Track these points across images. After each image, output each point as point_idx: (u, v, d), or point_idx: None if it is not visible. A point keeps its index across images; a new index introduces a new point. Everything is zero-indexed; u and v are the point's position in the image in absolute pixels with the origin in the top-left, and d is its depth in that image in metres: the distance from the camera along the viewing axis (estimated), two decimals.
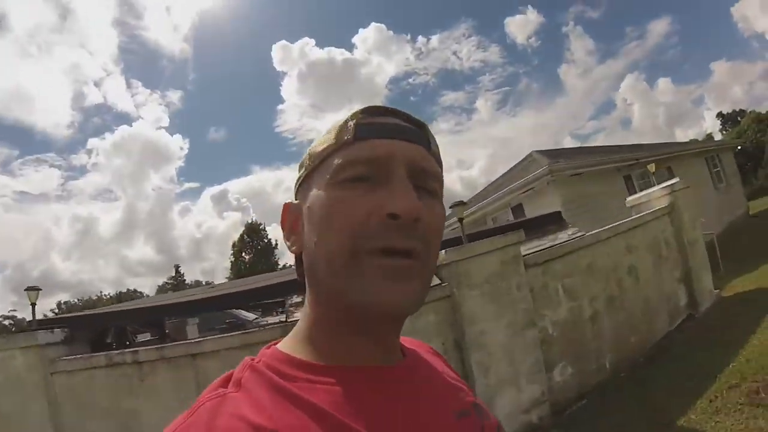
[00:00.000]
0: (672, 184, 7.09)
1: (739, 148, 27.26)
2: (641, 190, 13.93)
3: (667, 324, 6.77)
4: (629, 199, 7.56)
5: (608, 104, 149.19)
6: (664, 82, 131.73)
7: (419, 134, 0.62)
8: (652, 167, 7.71)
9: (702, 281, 7.34)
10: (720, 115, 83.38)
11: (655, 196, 7.18)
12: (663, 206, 7.00)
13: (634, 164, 13.02)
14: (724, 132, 78.18)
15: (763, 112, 70.34)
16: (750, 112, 73.49)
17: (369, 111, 0.61)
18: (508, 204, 13.65)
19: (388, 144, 0.58)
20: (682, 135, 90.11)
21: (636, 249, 6.26)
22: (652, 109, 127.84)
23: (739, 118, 77.14)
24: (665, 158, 15.24)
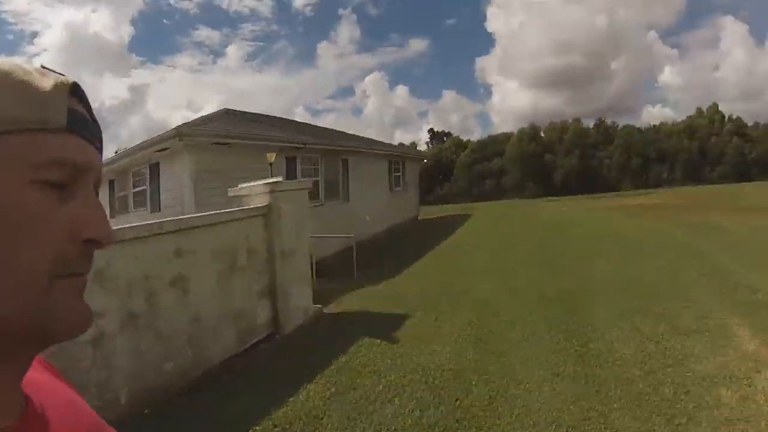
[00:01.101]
0: (274, 182, 6.40)
1: (425, 161, 32.01)
2: (305, 176, 14.41)
3: (233, 346, 6.11)
4: (231, 190, 6.72)
5: (348, 90, 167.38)
6: (402, 89, 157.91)
7: (101, 137, 0.57)
8: (271, 156, 7.00)
9: (293, 297, 6.92)
10: (431, 131, 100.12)
11: (256, 191, 6.46)
12: (258, 206, 6.32)
13: (302, 148, 12.79)
14: (429, 145, 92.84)
15: (464, 139, 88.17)
16: (455, 136, 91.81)
17: (78, 92, 0.53)
18: (149, 159, 11.96)
19: (89, 150, 0.53)
20: (400, 137, 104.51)
21: (191, 254, 5.26)
22: (384, 107, 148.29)
23: (444, 138, 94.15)
24: (342, 150, 15.71)
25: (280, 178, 6.71)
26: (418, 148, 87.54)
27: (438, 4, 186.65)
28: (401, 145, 65.77)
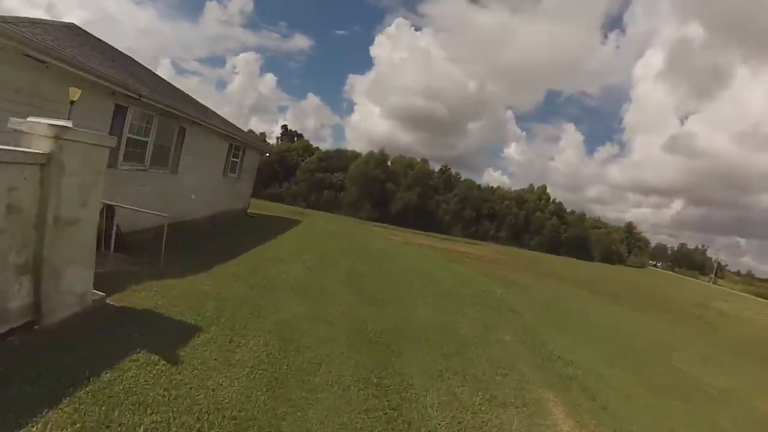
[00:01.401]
0: (62, 127, 5.01)
1: (267, 155, 31.19)
2: (134, 134, 12.57)
3: None
4: (13, 121, 5.16)
5: (220, 60, 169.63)
6: (271, 78, 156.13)
7: None
8: (74, 92, 5.48)
9: (66, 278, 5.49)
10: (285, 127, 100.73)
11: (37, 131, 4.94)
12: (35, 152, 4.82)
13: (137, 100, 11.06)
14: (279, 141, 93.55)
15: (313, 145, 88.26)
16: (305, 140, 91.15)
17: None
18: None
19: None
20: (255, 125, 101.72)
21: None
22: (248, 90, 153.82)
23: (295, 138, 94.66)
24: (183, 117, 14.09)
25: (69, 123, 5.25)
26: (268, 140, 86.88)
27: (336, 12, 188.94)
28: (250, 132, 63.78)
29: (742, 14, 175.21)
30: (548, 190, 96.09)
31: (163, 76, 19.11)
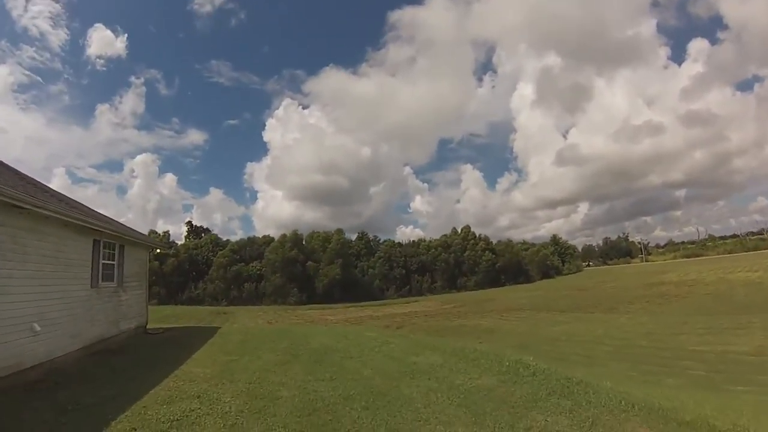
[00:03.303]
0: None
1: (158, 251, 25.19)
2: None
3: None
4: None
5: (117, 165, 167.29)
6: (171, 178, 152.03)
7: None
8: None
9: None
10: (190, 224, 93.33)
11: None
12: None
13: None
14: (187, 239, 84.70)
15: (223, 238, 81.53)
16: (212, 234, 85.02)
17: None
18: None
19: None
20: (161, 227, 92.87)
21: None
22: (150, 192, 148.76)
23: (202, 234, 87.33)
24: None
25: None
26: (173, 240, 79.08)
27: (224, 101, 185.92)
28: (152, 233, 56.88)
29: (585, 37, 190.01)
30: (472, 229, 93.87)
31: (56, 188, 13.21)
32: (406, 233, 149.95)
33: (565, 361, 9.90)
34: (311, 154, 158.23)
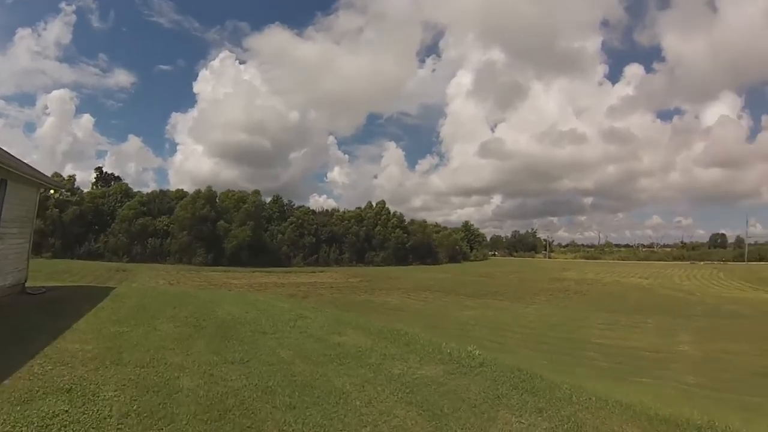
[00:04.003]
0: None
1: (52, 192, 22.05)
2: None
3: None
4: None
5: (29, 98, 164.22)
6: (87, 119, 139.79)
7: None
8: None
9: None
10: (99, 170, 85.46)
11: None
12: None
13: None
14: (95, 187, 78.01)
15: (133, 189, 75.53)
16: (122, 183, 78.41)
17: None
18: None
19: None
20: (69, 172, 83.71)
21: None
22: (63, 133, 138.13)
23: (112, 183, 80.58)
24: None
25: None
26: (78, 187, 71.93)
27: (160, 44, 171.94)
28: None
29: (534, 40, 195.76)
30: (387, 205, 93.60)
31: None
32: (319, 202, 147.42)
33: (479, 348, 9.12)
34: (239, 111, 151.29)
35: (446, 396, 6.00)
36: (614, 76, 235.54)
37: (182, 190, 76.15)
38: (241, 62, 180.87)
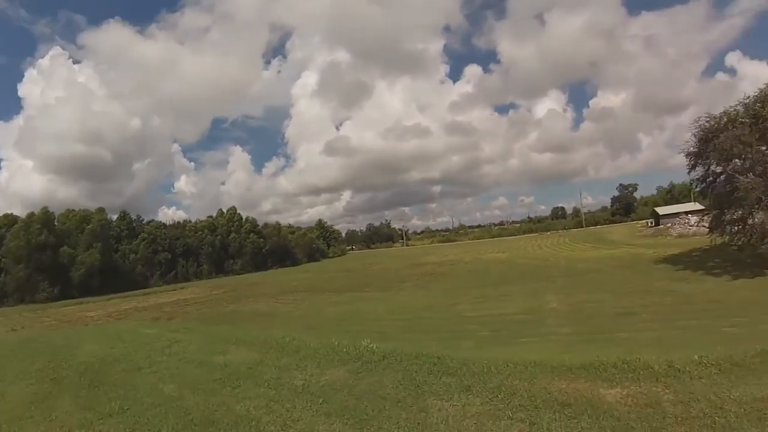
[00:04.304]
0: None
1: None
2: None
3: None
4: None
5: None
6: None
7: None
8: None
9: None
10: None
11: None
12: None
13: None
14: None
15: None
16: None
17: None
18: None
19: None
20: None
21: None
22: None
23: None
24: None
25: None
26: None
27: None
28: None
29: (379, 41, 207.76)
30: (238, 211, 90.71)
31: None
32: (168, 214, 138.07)
33: (359, 339, 8.55)
34: (74, 119, 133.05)
35: (364, 398, 5.24)
36: (455, 75, 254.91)
37: (12, 215, 65.49)
38: (75, 61, 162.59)
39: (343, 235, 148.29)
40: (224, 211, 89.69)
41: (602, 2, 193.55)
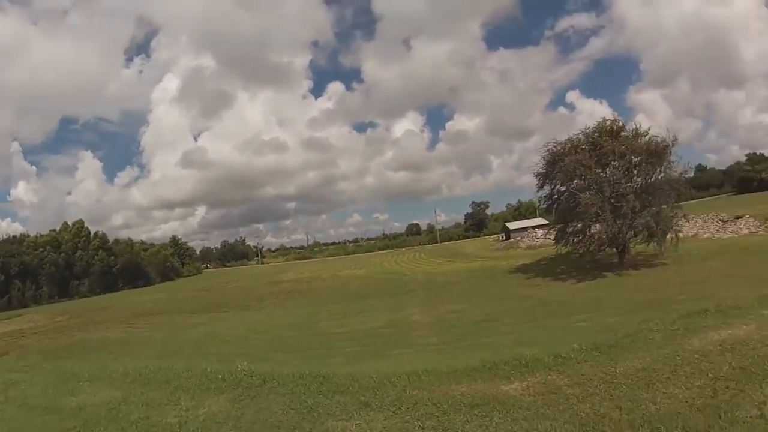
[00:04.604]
0: None
1: None
2: None
3: None
4: None
5: None
6: None
7: None
8: None
9: None
10: None
11: None
12: None
13: None
14: None
15: None
16: None
17: None
18: None
19: None
20: None
21: None
22: None
23: None
24: None
25: None
26: None
27: None
28: None
29: (246, 50, 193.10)
30: (86, 225, 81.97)
31: None
32: (2, 227, 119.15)
33: (228, 362, 8.44)
34: None
35: (254, 430, 4.70)
36: (318, 91, 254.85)
37: None
38: None
39: (198, 252, 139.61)
40: (70, 224, 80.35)
41: (465, 35, 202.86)
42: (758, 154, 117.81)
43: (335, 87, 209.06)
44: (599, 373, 5.10)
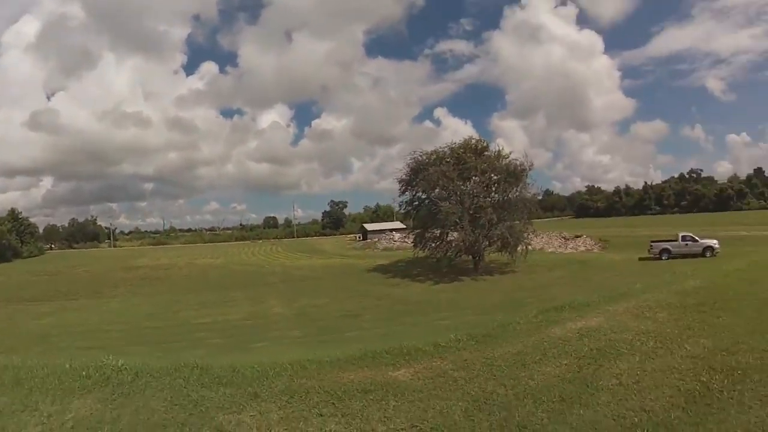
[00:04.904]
0: None
1: None
2: None
3: None
4: None
5: None
6: None
7: None
8: None
9: None
10: None
11: None
12: None
13: None
14: None
15: None
16: None
17: None
18: None
19: None
20: None
21: None
22: None
23: None
24: None
25: None
26: None
27: None
28: None
29: (119, 7, 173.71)
30: None
31: None
32: None
33: (88, 357, 7.21)
34: None
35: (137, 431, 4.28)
36: (191, 68, 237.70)
37: None
38: None
39: (41, 230, 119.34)
40: None
41: (347, 37, 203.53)
42: (596, 187, 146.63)
43: (209, 67, 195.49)
44: (480, 358, 5.63)
